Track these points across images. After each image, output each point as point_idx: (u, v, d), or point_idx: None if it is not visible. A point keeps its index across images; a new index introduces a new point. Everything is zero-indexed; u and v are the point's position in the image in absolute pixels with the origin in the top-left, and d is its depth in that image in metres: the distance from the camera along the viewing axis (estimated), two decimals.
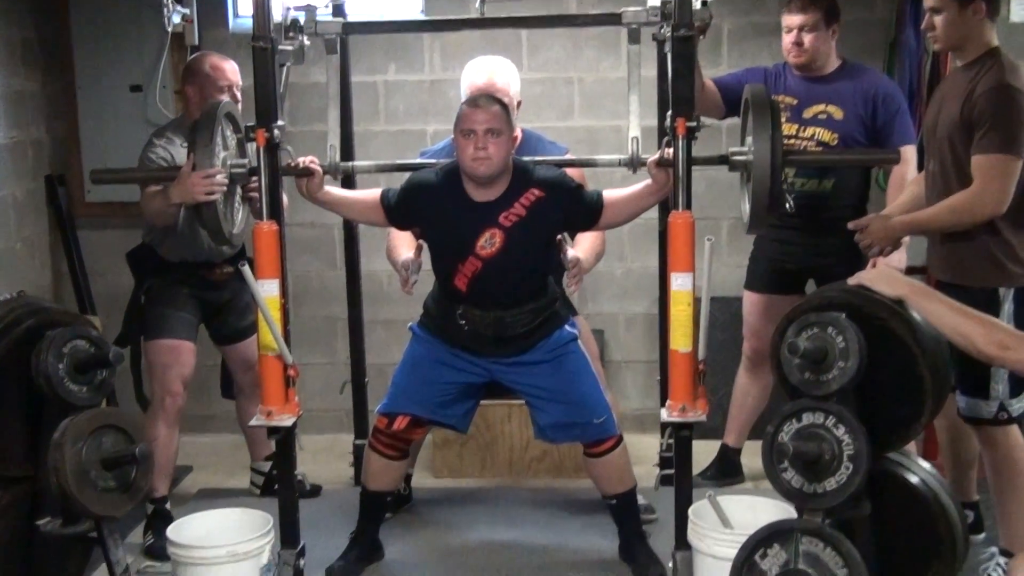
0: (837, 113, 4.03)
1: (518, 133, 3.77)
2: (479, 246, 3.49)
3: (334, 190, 3.66)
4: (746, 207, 3.44)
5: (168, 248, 4.06)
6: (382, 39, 4.92)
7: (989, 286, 3.32)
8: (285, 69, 3.63)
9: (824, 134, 4.03)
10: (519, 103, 3.93)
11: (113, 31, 4.95)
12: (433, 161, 3.74)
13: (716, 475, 4.41)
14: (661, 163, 3.38)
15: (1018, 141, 3.24)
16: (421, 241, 3.79)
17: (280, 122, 3.44)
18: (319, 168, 3.51)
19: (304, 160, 3.51)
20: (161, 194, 3.72)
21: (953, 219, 3.33)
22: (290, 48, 3.60)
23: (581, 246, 3.81)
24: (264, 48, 3.40)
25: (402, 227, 3.74)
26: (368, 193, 3.67)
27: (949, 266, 3.42)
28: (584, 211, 3.56)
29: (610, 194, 3.57)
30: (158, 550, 3.80)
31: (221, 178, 3.48)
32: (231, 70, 4.03)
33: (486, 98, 3.54)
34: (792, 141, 4.00)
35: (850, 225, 3.63)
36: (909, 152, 3.99)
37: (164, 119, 4.82)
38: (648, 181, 3.46)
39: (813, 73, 4.09)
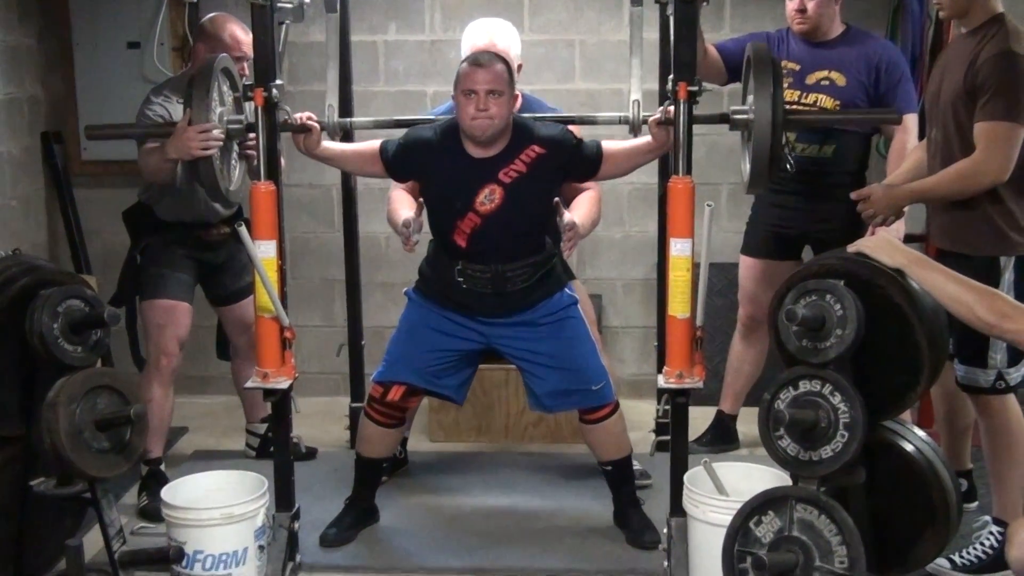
0: (840, 80, 4.00)
1: (519, 97, 3.74)
2: (478, 202, 3.46)
3: (332, 144, 3.63)
4: (746, 166, 3.42)
5: (164, 207, 4.04)
6: None
7: (990, 255, 3.30)
8: (284, 27, 3.60)
9: (826, 100, 4.00)
10: (520, 66, 3.89)
11: None
12: (432, 117, 3.71)
13: (712, 442, 4.42)
14: (662, 122, 3.35)
15: (1021, 108, 3.21)
16: (421, 199, 3.76)
17: (278, 81, 3.41)
18: (316, 124, 3.48)
19: (301, 116, 3.48)
20: (158, 150, 3.68)
21: (956, 187, 3.31)
22: (289, 6, 3.56)
23: (577, 211, 3.79)
24: (263, 5, 3.36)
25: (401, 179, 3.71)
26: (366, 145, 3.64)
27: (950, 234, 3.40)
28: (584, 164, 3.54)
29: (609, 146, 3.54)
30: (152, 511, 3.80)
31: (217, 133, 3.44)
32: (247, 43, 3.92)
33: (488, 55, 3.50)
34: (794, 107, 3.97)
35: (853, 195, 3.60)
36: (911, 120, 3.97)
37: (162, 77, 4.78)
38: (648, 137, 3.44)
39: (816, 39, 4.06)
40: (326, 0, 3.70)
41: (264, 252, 3.35)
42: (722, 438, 4.44)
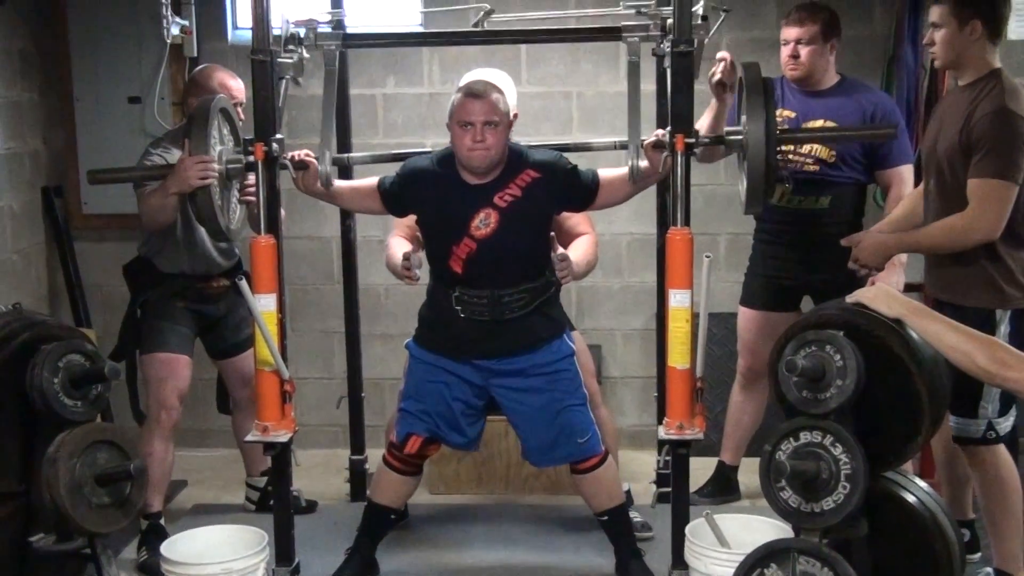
0: None
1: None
2: (473, 226, 3.48)
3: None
4: (742, 187, 3.44)
5: (164, 259, 4.05)
6: (381, 52, 4.92)
7: (986, 307, 3.31)
8: (284, 82, 3.63)
9: (822, 151, 4.02)
10: (515, 115, 3.92)
11: (111, 42, 4.94)
12: (429, 149, 3.73)
13: (713, 493, 4.40)
14: (656, 146, 3.37)
15: (1015, 166, 3.23)
16: (418, 234, 3.78)
17: (279, 135, 3.43)
18: (314, 160, 3.50)
19: (299, 154, 3.50)
20: (159, 189, 3.72)
21: (946, 241, 3.33)
22: (289, 60, 3.59)
23: (573, 252, 3.81)
24: (263, 61, 3.40)
25: (398, 213, 3.73)
26: (364, 181, 3.68)
27: (947, 286, 3.41)
28: (580, 190, 3.57)
29: (605, 173, 3.57)
30: (152, 566, 3.77)
31: (215, 165, 3.47)
32: (237, 88, 4.01)
33: (483, 84, 3.53)
34: (790, 157, 4.00)
35: (843, 241, 3.63)
36: (906, 172, 4.00)
37: (162, 131, 4.81)
38: (644, 163, 3.45)
39: (811, 88, 4.08)
40: (325, 54, 3.73)
41: (264, 305, 3.36)
42: (723, 489, 4.43)
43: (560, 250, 3.65)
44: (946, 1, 3.36)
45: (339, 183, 3.76)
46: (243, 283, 3.29)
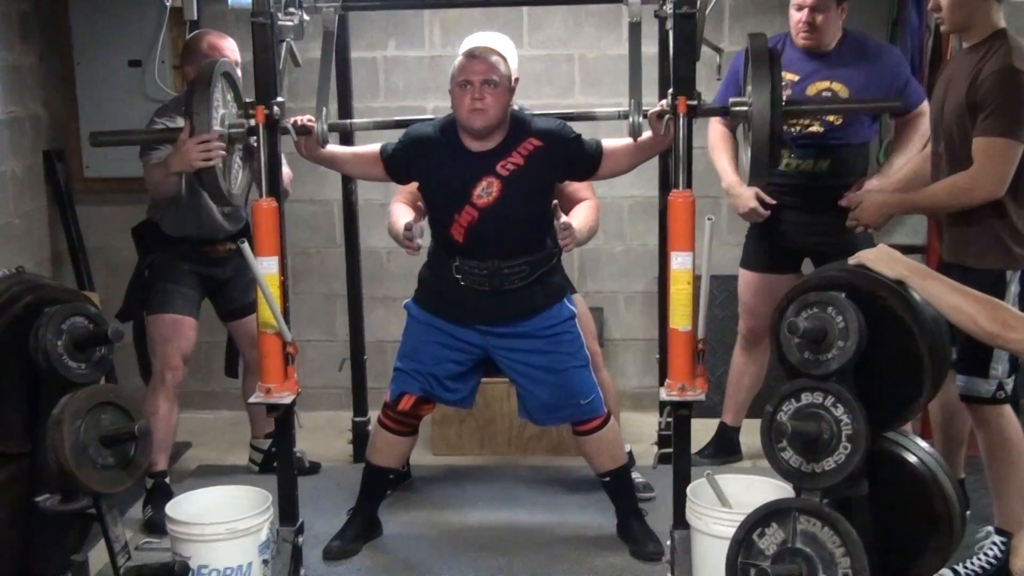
0: (842, 91, 3.99)
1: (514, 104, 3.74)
2: (475, 195, 3.48)
3: (332, 147, 3.65)
4: (746, 159, 3.43)
5: (170, 223, 4.06)
6: (382, 15, 4.89)
7: (995, 268, 3.31)
8: (284, 45, 3.61)
9: (828, 113, 4.00)
10: (516, 80, 3.91)
11: (111, 5, 4.91)
12: (431, 117, 3.72)
13: (714, 454, 4.42)
14: (662, 115, 3.36)
15: (1020, 125, 3.22)
16: (420, 203, 3.78)
17: (280, 98, 3.42)
18: (315, 125, 3.50)
19: (300, 119, 3.50)
20: (162, 165, 3.72)
21: (950, 199, 3.33)
22: (290, 23, 3.57)
23: (575, 218, 3.80)
24: (263, 24, 3.38)
25: (401, 180, 3.72)
26: (367, 148, 3.68)
27: (956, 248, 3.41)
28: (583, 160, 3.56)
29: (609, 143, 3.56)
30: (156, 524, 3.81)
31: (218, 143, 3.45)
32: (230, 48, 4.01)
33: (482, 48, 3.53)
34: (794, 121, 3.97)
35: (842, 201, 3.62)
36: (925, 106, 3.91)
37: (163, 94, 4.81)
38: (648, 132, 3.44)
39: (819, 51, 4.04)
40: (324, 16, 3.71)
41: (266, 268, 3.36)
42: (725, 450, 4.45)
43: (563, 218, 3.65)
44: None
45: (341, 149, 3.76)
46: (245, 246, 3.29)
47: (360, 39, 4.74)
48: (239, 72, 3.79)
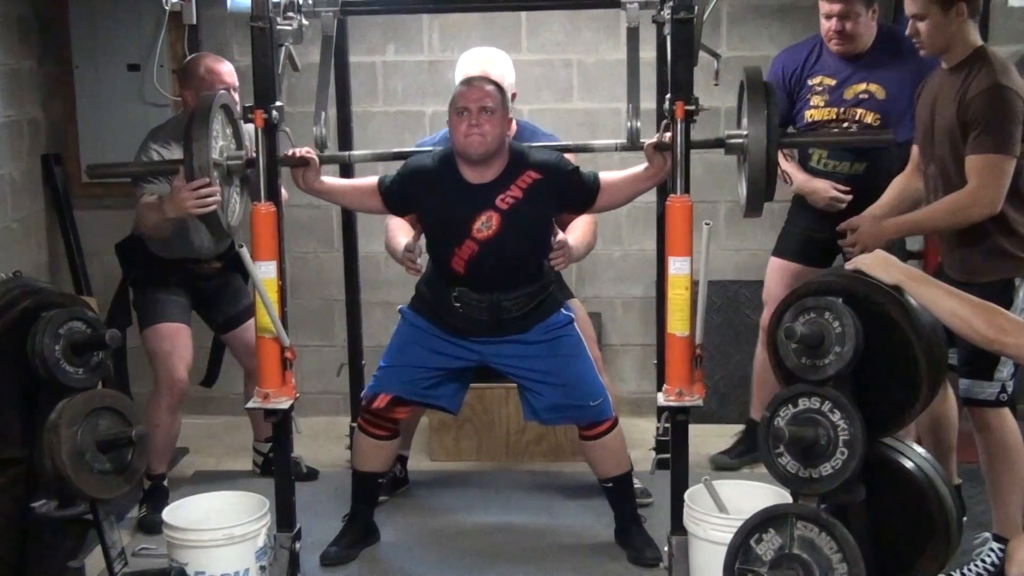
0: (880, 92, 4.00)
1: (513, 124, 3.74)
2: (475, 229, 3.48)
3: (330, 179, 3.65)
4: (742, 190, 3.44)
5: (158, 244, 4.05)
6: (380, 19, 4.89)
7: (1003, 278, 3.32)
8: (283, 49, 3.61)
9: (867, 115, 4.01)
10: (514, 94, 3.92)
11: (110, 9, 4.91)
12: (430, 148, 3.73)
13: (743, 452, 4.39)
14: (659, 147, 3.37)
15: (1011, 140, 3.25)
16: (419, 224, 3.78)
17: (278, 103, 3.42)
18: (315, 158, 3.50)
19: (300, 150, 3.50)
20: (156, 208, 3.72)
21: (949, 219, 3.34)
22: (289, 28, 3.57)
23: (572, 234, 3.81)
24: (262, 28, 3.38)
25: (399, 213, 3.73)
26: (365, 180, 3.68)
27: (963, 266, 3.40)
28: (581, 193, 3.56)
29: (607, 176, 3.57)
30: (150, 523, 3.82)
31: (214, 188, 3.42)
32: (227, 72, 3.99)
33: (479, 78, 3.54)
34: (833, 127, 3.99)
35: (840, 226, 3.61)
36: None
37: (162, 99, 4.81)
38: (646, 164, 3.45)
39: (854, 54, 4.03)
40: (323, 20, 3.72)
41: (264, 273, 3.36)
42: (753, 448, 4.40)
43: (560, 235, 3.66)
44: None
45: (339, 181, 3.78)
46: (244, 250, 3.29)
47: (359, 43, 4.74)
48: (237, 97, 3.77)
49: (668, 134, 3.32)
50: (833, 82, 4.02)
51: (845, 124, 4.01)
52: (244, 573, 3.29)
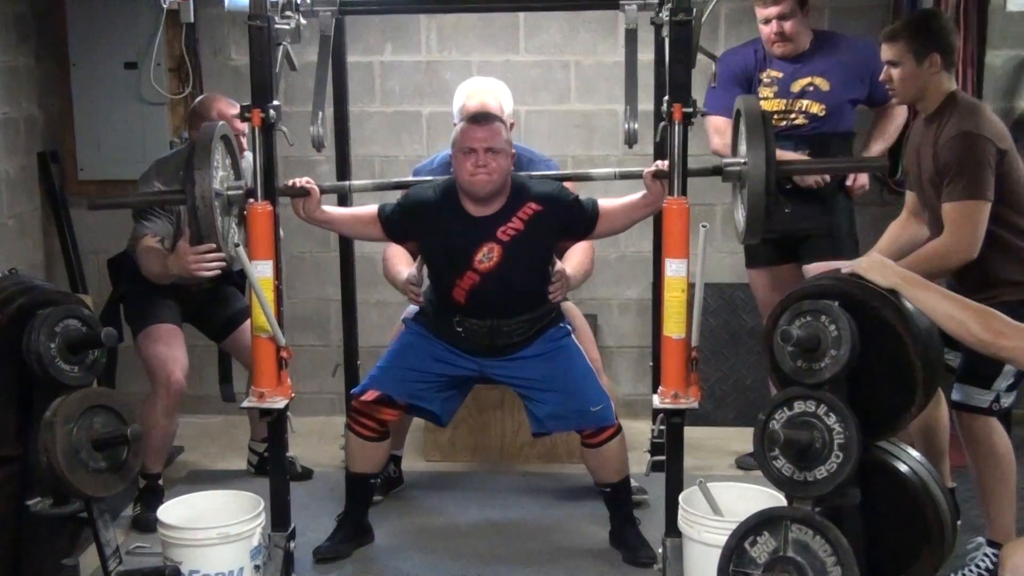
0: (824, 85, 4.11)
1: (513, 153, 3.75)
2: (477, 260, 3.51)
3: (330, 208, 3.65)
4: (740, 217, 3.44)
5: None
6: (378, 19, 4.89)
7: (1014, 299, 3.31)
8: (281, 48, 3.61)
9: (813, 106, 4.10)
10: (512, 124, 3.92)
11: (107, 7, 4.90)
12: (431, 178, 3.73)
13: None
14: (657, 175, 3.39)
15: (983, 184, 3.28)
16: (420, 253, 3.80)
17: (276, 102, 3.42)
18: (315, 188, 3.50)
19: (300, 181, 3.50)
20: (159, 259, 3.83)
21: (929, 267, 3.33)
22: (286, 27, 3.57)
23: (569, 261, 3.83)
24: (260, 27, 3.38)
25: (400, 241, 3.76)
26: (365, 209, 3.68)
27: (974, 292, 3.40)
28: (581, 222, 3.60)
29: (605, 203, 3.60)
30: (146, 522, 3.82)
31: (218, 254, 3.50)
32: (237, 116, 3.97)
33: (484, 114, 3.57)
34: (779, 117, 4.07)
35: (818, 273, 3.62)
36: None
37: (159, 97, 4.82)
38: (643, 192, 3.47)
39: (795, 55, 4.14)
40: (321, 19, 3.72)
41: (261, 272, 3.36)
42: None
43: (558, 264, 3.68)
44: (901, 38, 3.42)
45: (339, 210, 3.77)
46: (240, 250, 3.29)
47: (357, 43, 4.74)
48: (245, 143, 3.73)
49: (665, 162, 3.34)
50: (781, 75, 4.14)
51: (792, 115, 4.11)
52: (238, 572, 3.29)
